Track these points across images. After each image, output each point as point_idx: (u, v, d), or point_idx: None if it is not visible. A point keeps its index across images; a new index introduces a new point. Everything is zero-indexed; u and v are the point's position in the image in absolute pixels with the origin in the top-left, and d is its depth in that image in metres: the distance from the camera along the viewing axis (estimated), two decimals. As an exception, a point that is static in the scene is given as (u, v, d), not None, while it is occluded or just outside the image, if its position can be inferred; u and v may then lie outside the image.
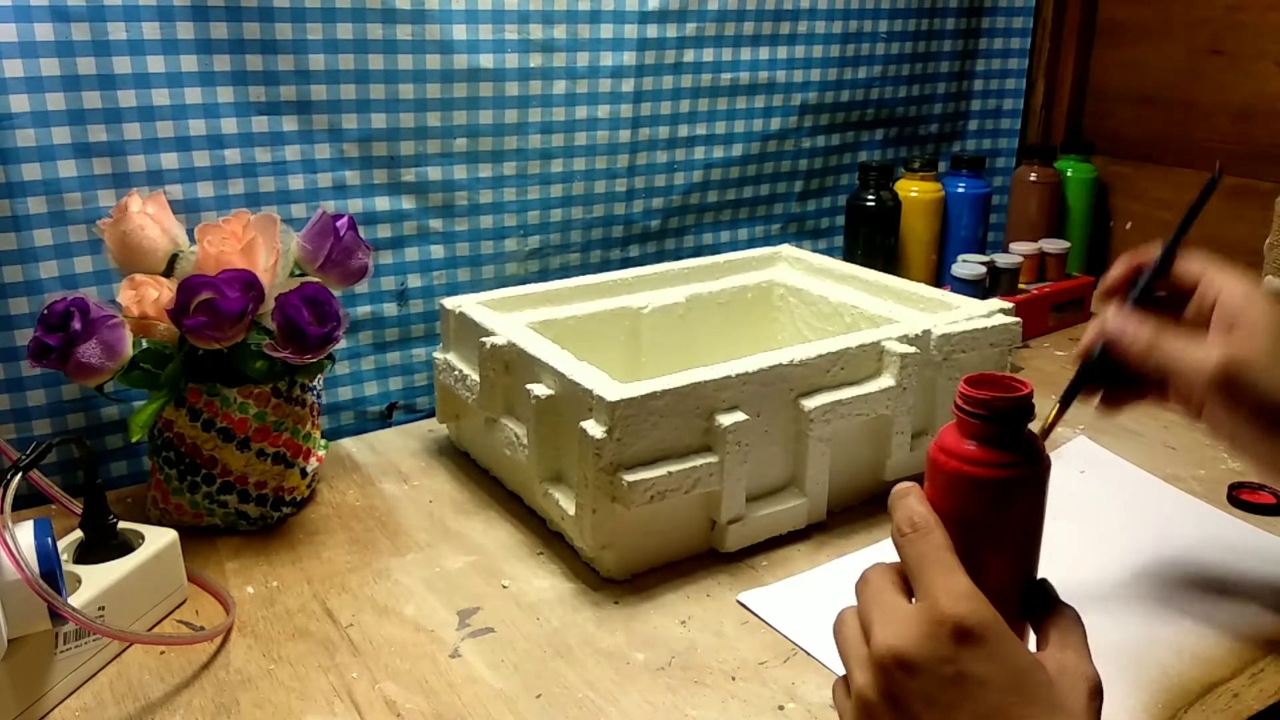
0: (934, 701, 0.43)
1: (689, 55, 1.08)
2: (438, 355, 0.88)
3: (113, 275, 0.82)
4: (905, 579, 0.48)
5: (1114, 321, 0.60)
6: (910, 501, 0.49)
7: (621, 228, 1.10)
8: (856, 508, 0.80)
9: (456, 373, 0.85)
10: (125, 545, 0.66)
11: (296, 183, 0.90)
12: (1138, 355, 0.59)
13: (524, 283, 0.96)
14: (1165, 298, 0.62)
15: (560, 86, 1.01)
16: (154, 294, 0.73)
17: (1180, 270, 0.62)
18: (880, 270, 0.97)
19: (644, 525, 0.70)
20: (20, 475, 0.57)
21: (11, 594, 0.53)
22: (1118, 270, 0.64)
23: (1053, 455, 0.50)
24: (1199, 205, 0.64)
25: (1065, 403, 0.62)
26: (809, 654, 0.63)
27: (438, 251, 0.99)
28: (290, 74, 0.87)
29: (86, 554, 0.64)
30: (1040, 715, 0.42)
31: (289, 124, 0.89)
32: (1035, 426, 0.51)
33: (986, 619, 0.43)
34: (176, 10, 0.81)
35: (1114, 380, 0.63)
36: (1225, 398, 0.55)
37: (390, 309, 0.98)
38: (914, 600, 0.46)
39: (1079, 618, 0.48)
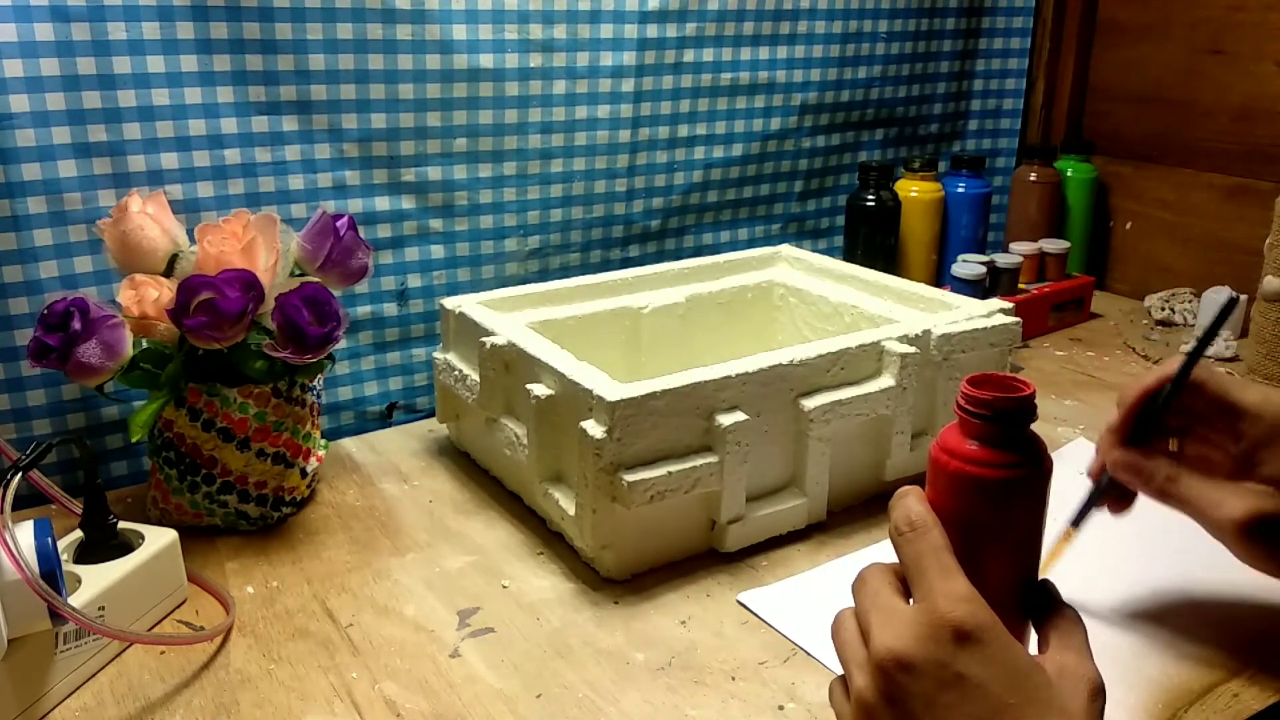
0: (933, 703, 0.43)
1: (689, 55, 1.08)
2: (438, 355, 0.88)
3: (113, 275, 0.82)
4: (903, 580, 0.48)
5: (1125, 464, 0.60)
6: (909, 501, 0.49)
7: (621, 228, 1.10)
8: (856, 508, 0.80)
9: (456, 373, 0.85)
10: (125, 545, 0.66)
11: (296, 183, 0.90)
12: (1151, 496, 0.59)
13: (524, 283, 0.96)
14: (1180, 426, 0.61)
15: (560, 86, 1.01)
16: (154, 294, 0.73)
17: (1210, 392, 0.59)
18: (880, 270, 0.97)
19: (644, 525, 0.70)
20: (20, 475, 0.57)
21: (11, 594, 0.53)
22: (1123, 410, 0.61)
23: (1053, 457, 0.50)
24: (1215, 328, 0.59)
25: (1078, 523, 0.63)
26: (809, 654, 0.63)
27: (438, 251, 0.99)
28: (290, 74, 0.87)
29: (86, 554, 0.64)
30: (1040, 716, 0.42)
31: (289, 124, 0.89)
32: (1047, 550, 0.53)
33: (985, 621, 0.43)
34: (176, 10, 0.81)
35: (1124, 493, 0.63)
36: (1251, 546, 0.56)
37: (390, 309, 0.98)
38: (912, 601, 0.46)
39: (1080, 619, 0.48)
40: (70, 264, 0.81)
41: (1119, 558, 0.73)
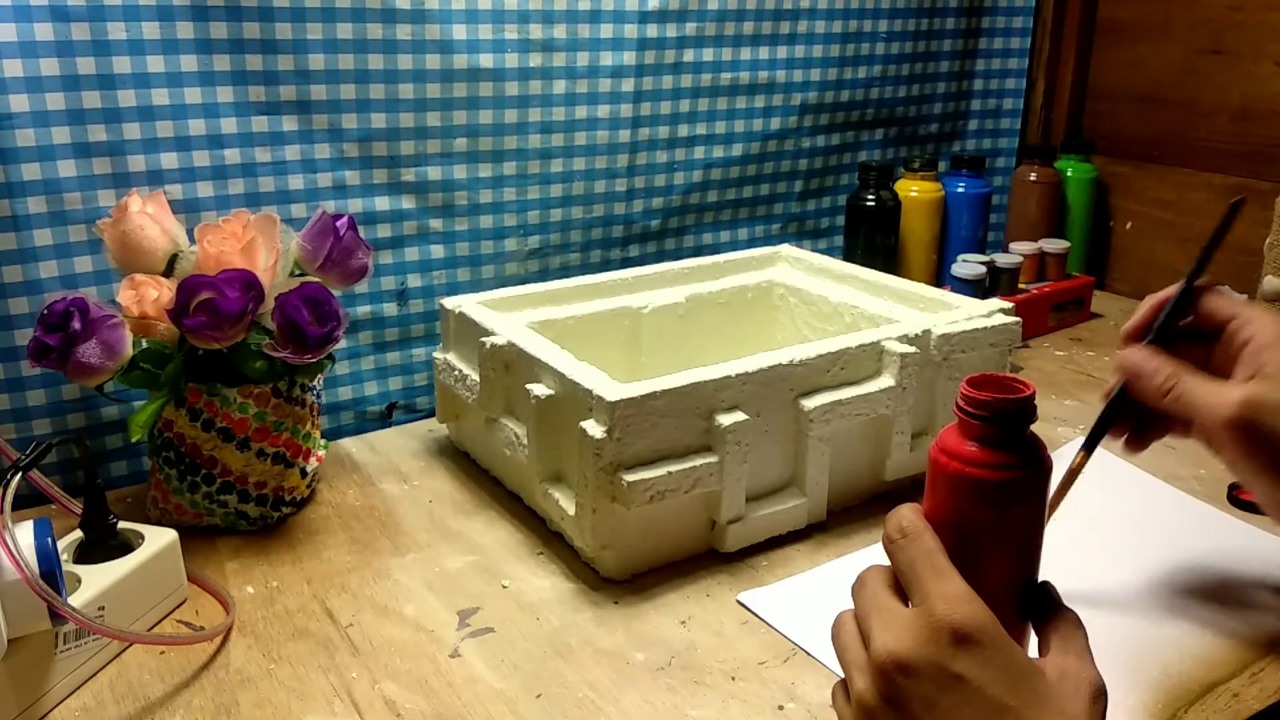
0: (934, 705, 0.43)
1: (689, 55, 1.08)
2: (438, 355, 0.88)
3: (113, 275, 0.81)
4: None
5: (1132, 359, 0.60)
6: (901, 510, 0.49)
7: (621, 228, 1.10)
8: (856, 508, 0.80)
9: (456, 373, 0.85)
10: (125, 545, 0.66)
11: (296, 183, 0.90)
12: (1155, 393, 0.58)
13: (524, 283, 0.96)
14: (1191, 333, 0.61)
15: (560, 86, 1.01)
16: (154, 294, 0.72)
17: (1210, 307, 0.60)
18: (880, 270, 0.97)
19: (644, 525, 0.70)
20: (20, 475, 0.57)
21: (11, 594, 0.53)
22: (1139, 313, 0.62)
23: (1052, 457, 0.50)
24: (1220, 236, 0.62)
25: (1090, 446, 0.62)
26: (809, 654, 0.63)
27: (438, 251, 0.99)
28: (290, 74, 0.87)
29: (86, 554, 0.64)
30: (1040, 718, 0.42)
31: (289, 124, 0.89)
32: (1060, 471, 0.53)
33: (984, 623, 0.43)
34: (176, 10, 0.81)
35: (1138, 419, 0.62)
36: (1243, 440, 0.54)
37: (390, 309, 0.98)
38: (910, 605, 0.46)
39: (1080, 622, 0.48)
40: (70, 264, 0.81)
41: (1118, 558, 0.73)
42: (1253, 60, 1.17)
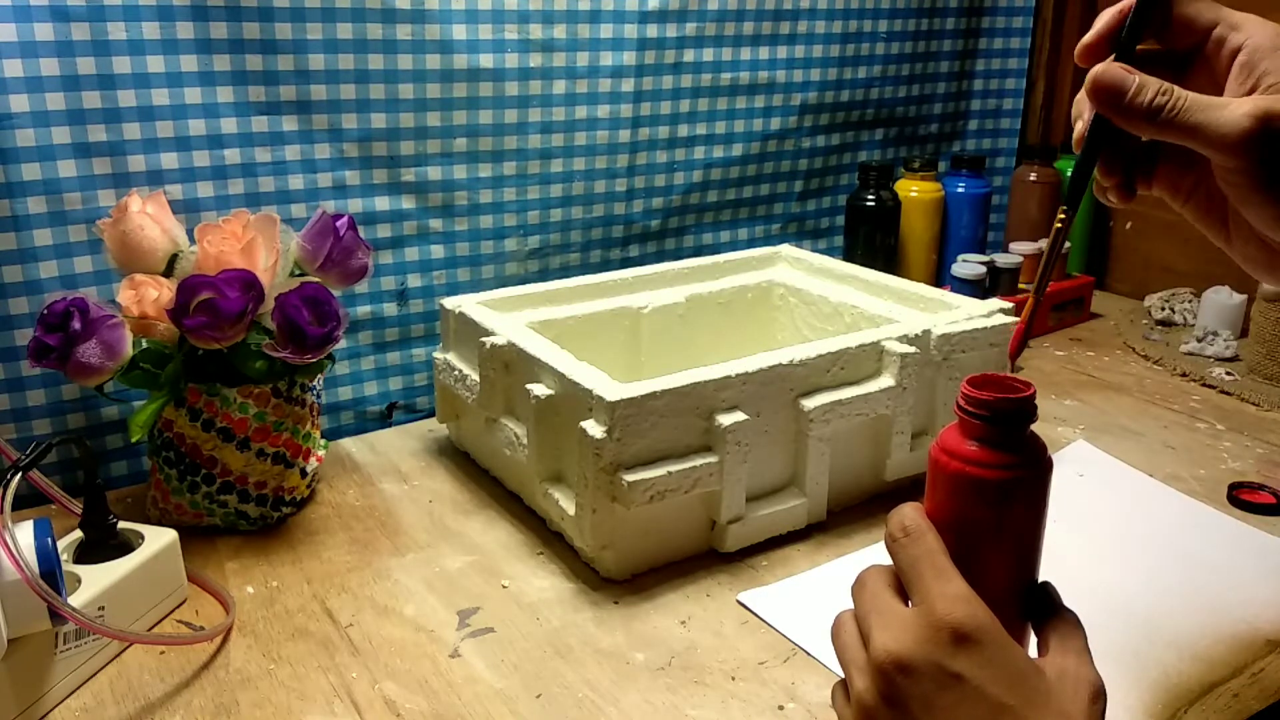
0: (932, 705, 0.43)
1: (689, 55, 1.08)
2: (438, 355, 0.88)
3: (113, 275, 0.82)
4: (900, 582, 0.48)
5: (1109, 75, 0.48)
6: (904, 509, 0.49)
7: (621, 228, 1.10)
8: (856, 508, 0.80)
9: (456, 373, 0.85)
10: (125, 545, 0.66)
11: (296, 183, 0.90)
12: (1144, 112, 0.47)
13: (524, 283, 0.95)
14: (1157, 57, 0.50)
15: (560, 86, 1.01)
16: (154, 294, 0.73)
17: (1187, 13, 0.49)
18: (880, 270, 0.97)
19: (644, 525, 0.70)
20: (20, 475, 0.57)
21: (11, 594, 0.53)
22: (1098, 24, 0.51)
23: (1052, 457, 0.50)
24: None
25: (1073, 201, 0.52)
26: (809, 654, 0.63)
27: (438, 251, 0.99)
28: (290, 74, 0.87)
29: (86, 554, 0.64)
30: (1039, 718, 0.42)
31: (289, 124, 0.89)
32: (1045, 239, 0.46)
33: (984, 622, 0.43)
34: (176, 10, 0.81)
35: (1125, 160, 0.52)
36: (1260, 157, 0.45)
37: (390, 309, 0.98)
38: (910, 604, 0.46)
39: (1079, 622, 0.48)
40: (70, 264, 0.81)
41: (1119, 559, 0.73)
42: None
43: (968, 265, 1.12)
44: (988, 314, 0.85)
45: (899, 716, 0.44)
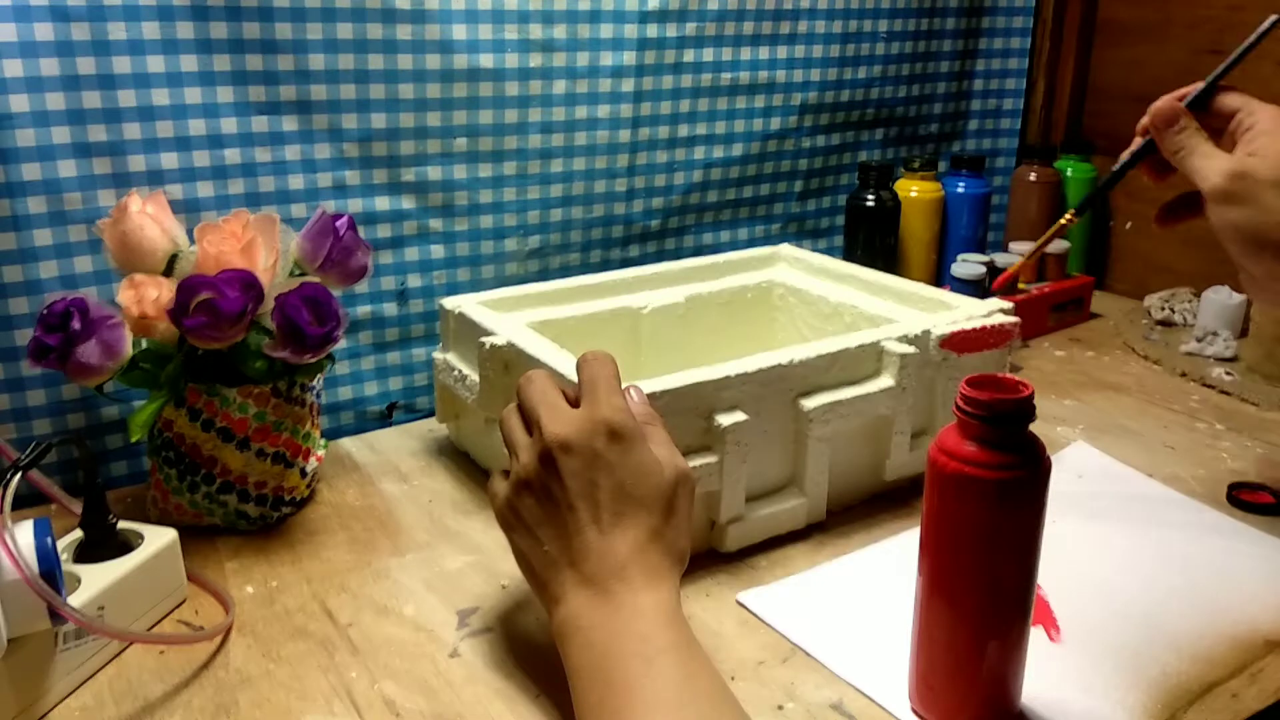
0: (578, 475, 0.54)
1: (689, 55, 1.08)
2: (438, 355, 0.88)
3: (113, 275, 0.82)
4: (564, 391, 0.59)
5: (1165, 108, 0.68)
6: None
7: (621, 228, 1.10)
8: (856, 508, 0.80)
9: (456, 373, 0.85)
10: (125, 545, 0.66)
11: (296, 183, 0.90)
12: (1168, 150, 0.67)
13: (524, 283, 0.95)
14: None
15: (560, 86, 1.01)
16: (154, 294, 0.72)
17: (1220, 103, 0.68)
18: (880, 270, 0.97)
19: (644, 525, 0.70)
20: (20, 475, 0.57)
21: (11, 594, 0.53)
22: (1165, 100, 0.70)
23: (1052, 458, 0.50)
24: (1253, 45, 0.71)
25: (1084, 209, 0.73)
26: (808, 654, 0.63)
27: (438, 251, 0.99)
28: (290, 74, 0.87)
29: (86, 554, 0.64)
30: (650, 503, 0.55)
31: (289, 124, 0.89)
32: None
33: (630, 426, 0.56)
34: (176, 10, 0.81)
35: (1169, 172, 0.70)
36: (1223, 208, 0.62)
37: (390, 309, 0.98)
38: (581, 406, 0.57)
39: (661, 421, 0.61)
40: (70, 264, 0.81)
41: (1118, 559, 0.73)
42: (1253, 60, 1.17)
43: (967, 265, 1.12)
44: (987, 314, 0.85)
45: (551, 483, 0.55)
